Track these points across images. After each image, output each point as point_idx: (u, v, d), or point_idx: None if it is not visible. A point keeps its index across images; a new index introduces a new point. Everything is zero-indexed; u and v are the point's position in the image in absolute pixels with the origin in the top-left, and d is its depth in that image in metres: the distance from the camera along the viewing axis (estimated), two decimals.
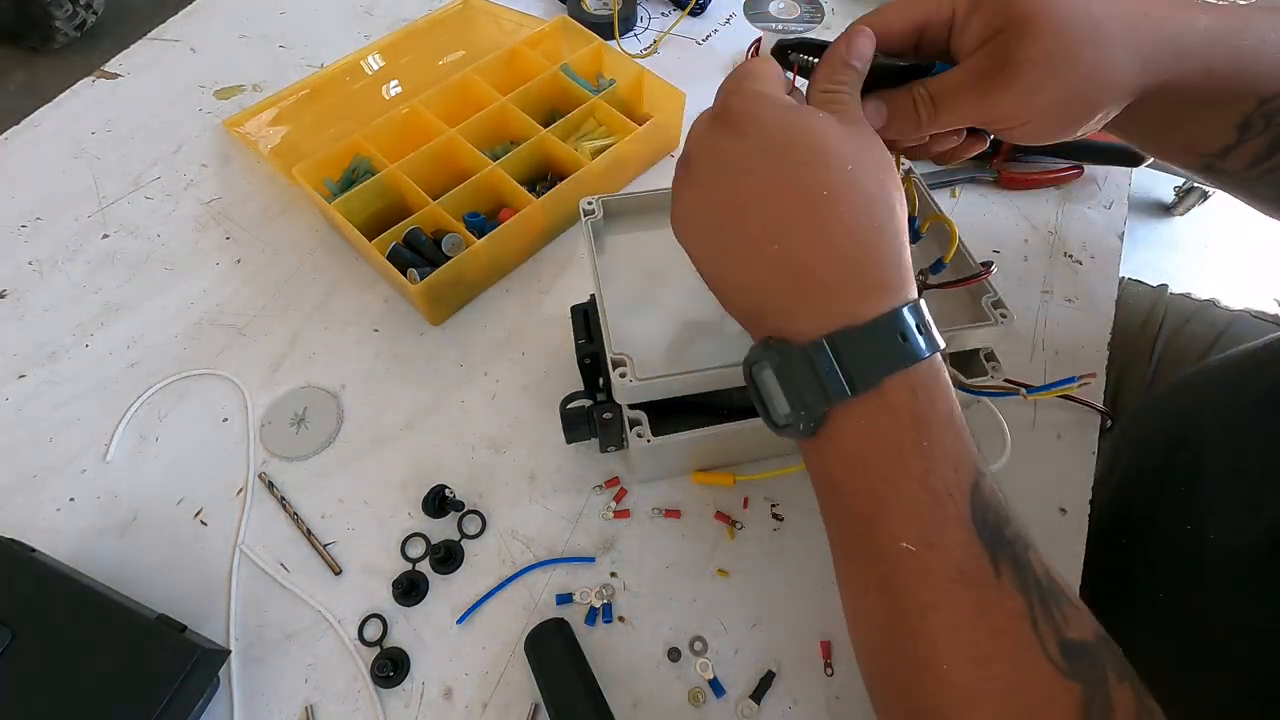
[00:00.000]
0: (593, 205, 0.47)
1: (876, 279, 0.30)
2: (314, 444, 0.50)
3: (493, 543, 0.46)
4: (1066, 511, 0.48)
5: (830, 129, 0.32)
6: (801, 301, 0.31)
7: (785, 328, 0.31)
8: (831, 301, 0.30)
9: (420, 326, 0.55)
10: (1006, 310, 0.43)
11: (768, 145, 0.31)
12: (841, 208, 0.30)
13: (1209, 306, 0.67)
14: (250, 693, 0.42)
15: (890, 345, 0.30)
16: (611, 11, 0.74)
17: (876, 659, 0.32)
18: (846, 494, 0.31)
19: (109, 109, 0.68)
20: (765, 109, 0.32)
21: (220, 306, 0.56)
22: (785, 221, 0.31)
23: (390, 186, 0.57)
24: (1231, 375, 0.51)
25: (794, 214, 0.31)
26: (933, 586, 0.29)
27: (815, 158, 0.31)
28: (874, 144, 0.32)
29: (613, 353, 0.41)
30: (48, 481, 0.48)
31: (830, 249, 0.30)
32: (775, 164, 0.31)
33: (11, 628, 0.37)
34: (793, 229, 0.31)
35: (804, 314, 0.31)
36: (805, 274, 0.31)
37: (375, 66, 0.70)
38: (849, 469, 0.31)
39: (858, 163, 0.31)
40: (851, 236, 0.30)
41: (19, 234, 0.59)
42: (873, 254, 0.31)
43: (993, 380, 0.43)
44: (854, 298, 0.30)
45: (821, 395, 0.30)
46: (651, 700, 0.42)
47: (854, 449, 0.31)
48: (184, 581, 0.45)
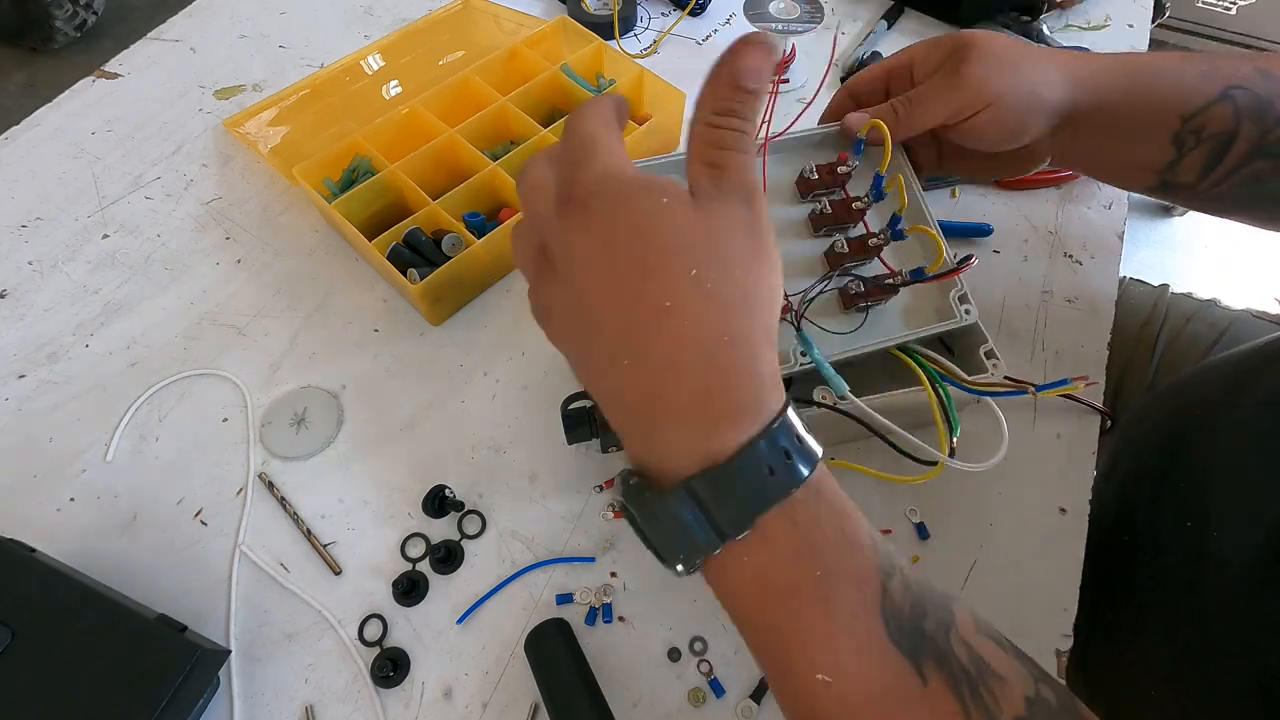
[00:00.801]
0: None
1: (731, 405, 0.27)
2: (314, 444, 0.50)
3: (493, 543, 0.46)
4: (1066, 511, 0.48)
5: (674, 221, 0.27)
6: (656, 430, 0.28)
7: (646, 458, 0.29)
8: (685, 435, 0.27)
9: (420, 326, 0.55)
10: (971, 307, 0.44)
11: (613, 240, 0.27)
12: (686, 321, 0.26)
13: (1210, 306, 0.67)
14: (250, 693, 0.42)
15: (756, 483, 0.26)
16: (611, 11, 0.74)
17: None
18: (749, 628, 0.29)
19: (109, 109, 0.68)
20: (614, 194, 0.28)
21: (220, 306, 0.56)
22: (633, 335, 0.27)
23: (390, 186, 0.57)
24: (1232, 374, 0.51)
25: (640, 326, 0.27)
26: (859, 714, 0.27)
27: (659, 258, 0.27)
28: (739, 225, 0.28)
29: None
30: (48, 481, 0.48)
31: (677, 371, 0.27)
32: (621, 264, 0.27)
33: (11, 628, 0.37)
34: (639, 344, 0.27)
35: (661, 446, 0.28)
36: (655, 398, 0.27)
37: (375, 66, 0.70)
38: (744, 604, 0.29)
39: (706, 261, 0.27)
40: (699, 355, 0.27)
41: (19, 234, 0.59)
42: (724, 374, 0.27)
43: (994, 379, 0.43)
44: (708, 430, 0.27)
45: (694, 547, 0.27)
46: (651, 700, 0.42)
47: (743, 587, 0.28)
48: (184, 581, 0.45)
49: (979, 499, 0.48)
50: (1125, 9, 0.80)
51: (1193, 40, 1.47)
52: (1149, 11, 0.81)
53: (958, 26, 0.77)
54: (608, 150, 0.29)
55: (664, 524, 0.28)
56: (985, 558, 0.46)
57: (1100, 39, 0.76)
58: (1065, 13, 0.79)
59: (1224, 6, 1.44)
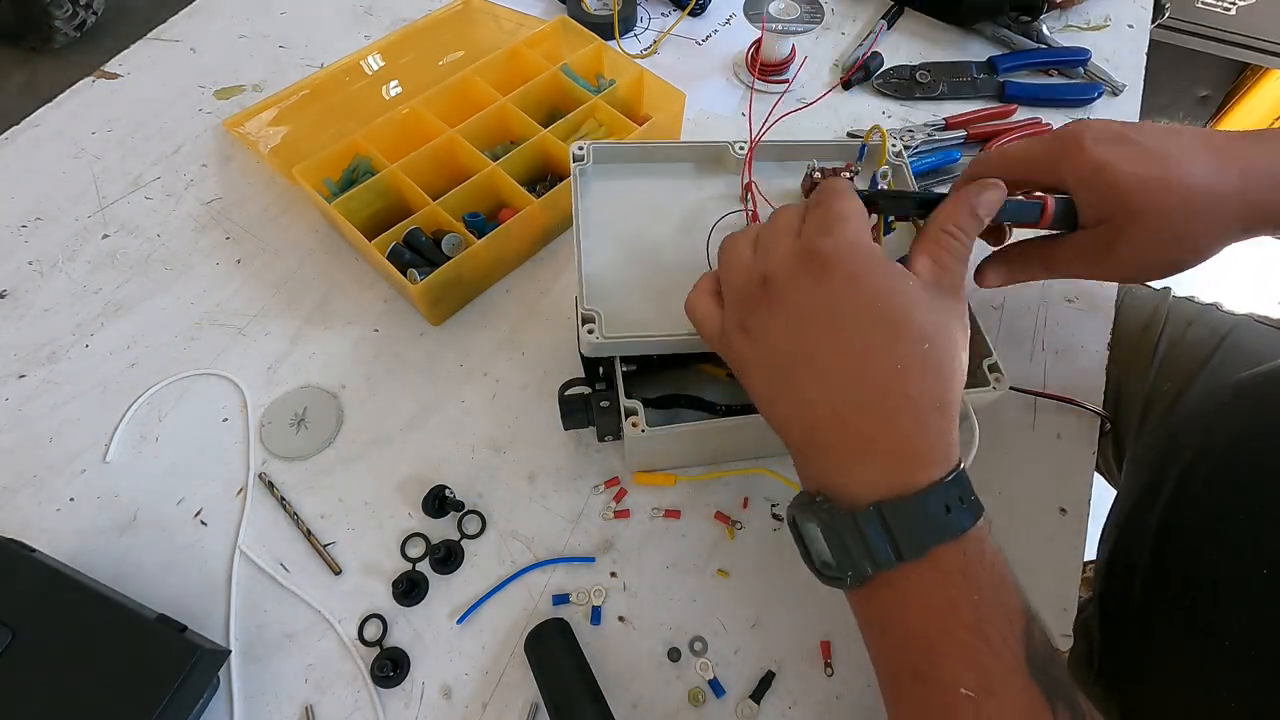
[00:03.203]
0: (583, 150, 0.48)
1: (929, 453, 0.32)
2: (314, 444, 0.50)
3: (492, 543, 0.46)
4: (1066, 511, 0.48)
5: (919, 301, 0.33)
6: (855, 463, 0.32)
7: (833, 483, 0.33)
8: (884, 470, 0.31)
9: (420, 326, 0.55)
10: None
11: (858, 305, 0.32)
12: (912, 385, 0.32)
13: (1211, 310, 0.67)
14: (250, 693, 0.42)
15: (937, 518, 0.31)
16: (611, 11, 0.74)
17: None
18: (899, 637, 0.32)
19: (109, 109, 0.68)
20: (861, 263, 0.33)
21: (220, 306, 0.56)
22: (856, 385, 0.32)
23: (390, 186, 0.57)
24: None
25: (866, 381, 0.32)
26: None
27: (900, 330, 0.32)
28: (957, 317, 0.34)
29: (584, 307, 0.41)
30: (48, 481, 0.48)
31: (893, 422, 0.32)
32: (861, 326, 0.32)
33: (11, 628, 0.37)
34: (861, 393, 0.32)
35: (855, 476, 0.32)
36: (864, 439, 0.32)
37: (375, 66, 0.70)
38: (901, 616, 0.32)
39: (937, 340, 0.32)
40: (915, 413, 0.32)
41: (19, 234, 0.59)
42: (930, 429, 0.32)
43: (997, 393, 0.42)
44: (906, 470, 0.31)
45: (869, 561, 0.31)
46: (651, 700, 0.42)
47: (905, 600, 0.32)
48: (184, 581, 0.45)
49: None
50: (1125, 9, 0.80)
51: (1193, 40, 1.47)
52: (1149, 12, 0.81)
53: (958, 27, 0.77)
54: (856, 226, 0.34)
55: (849, 537, 0.31)
56: None
57: (1100, 39, 0.76)
58: (1065, 13, 0.79)
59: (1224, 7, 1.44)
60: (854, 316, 0.32)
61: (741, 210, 0.48)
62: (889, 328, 0.32)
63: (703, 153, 0.50)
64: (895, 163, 0.49)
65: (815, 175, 0.47)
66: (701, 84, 0.71)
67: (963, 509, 0.31)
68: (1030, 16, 0.75)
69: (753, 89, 0.71)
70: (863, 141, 0.48)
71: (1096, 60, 0.73)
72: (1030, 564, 0.46)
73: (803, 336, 0.33)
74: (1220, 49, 1.42)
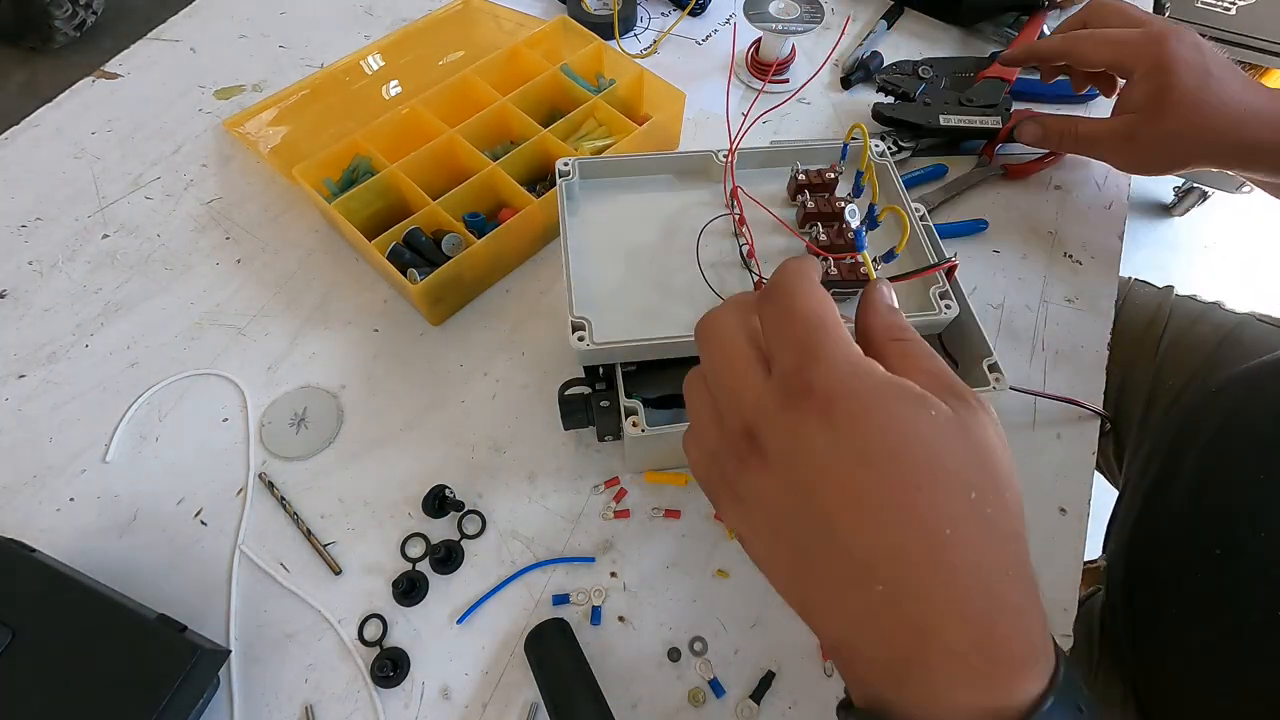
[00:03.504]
0: (569, 166, 0.48)
1: (1018, 649, 0.23)
2: (314, 444, 0.50)
3: (493, 543, 0.46)
4: (1066, 511, 0.48)
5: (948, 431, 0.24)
6: (919, 672, 0.23)
7: (890, 695, 0.24)
8: (962, 683, 0.23)
9: (420, 326, 0.55)
10: (952, 302, 0.44)
11: (872, 453, 0.23)
12: (967, 550, 0.23)
13: (1213, 309, 0.67)
14: (250, 693, 0.42)
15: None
16: (611, 11, 0.74)
17: None
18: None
19: (109, 109, 0.68)
20: (859, 389, 0.24)
21: (220, 306, 0.56)
22: (894, 560, 0.23)
23: (390, 186, 0.57)
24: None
25: (904, 552, 0.23)
26: None
27: (935, 477, 0.23)
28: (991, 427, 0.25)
29: (573, 315, 0.41)
30: (48, 481, 0.48)
31: (954, 606, 0.23)
32: (884, 481, 0.23)
33: (11, 628, 0.37)
34: (902, 572, 0.23)
35: (924, 693, 0.23)
36: (921, 635, 0.23)
37: (375, 66, 0.70)
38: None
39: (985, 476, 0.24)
40: (982, 590, 0.23)
41: (19, 234, 0.59)
42: (1009, 613, 0.23)
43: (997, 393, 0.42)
44: (993, 679, 0.23)
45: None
46: (651, 700, 0.42)
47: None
48: (184, 581, 0.45)
49: None
50: None
51: None
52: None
53: (957, 26, 0.77)
54: (842, 338, 0.25)
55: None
56: None
57: None
58: (1065, 12, 0.79)
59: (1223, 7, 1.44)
60: (879, 477, 0.23)
61: (728, 214, 0.48)
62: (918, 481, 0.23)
63: (688, 163, 0.51)
64: (880, 163, 0.50)
65: (799, 178, 0.48)
66: (701, 84, 0.71)
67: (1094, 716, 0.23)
68: (1030, 17, 0.75)
69: (758, 91, 0.71)
70: (844, 141, 0.48)
71: None
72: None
73: (809, 502, 0.24)
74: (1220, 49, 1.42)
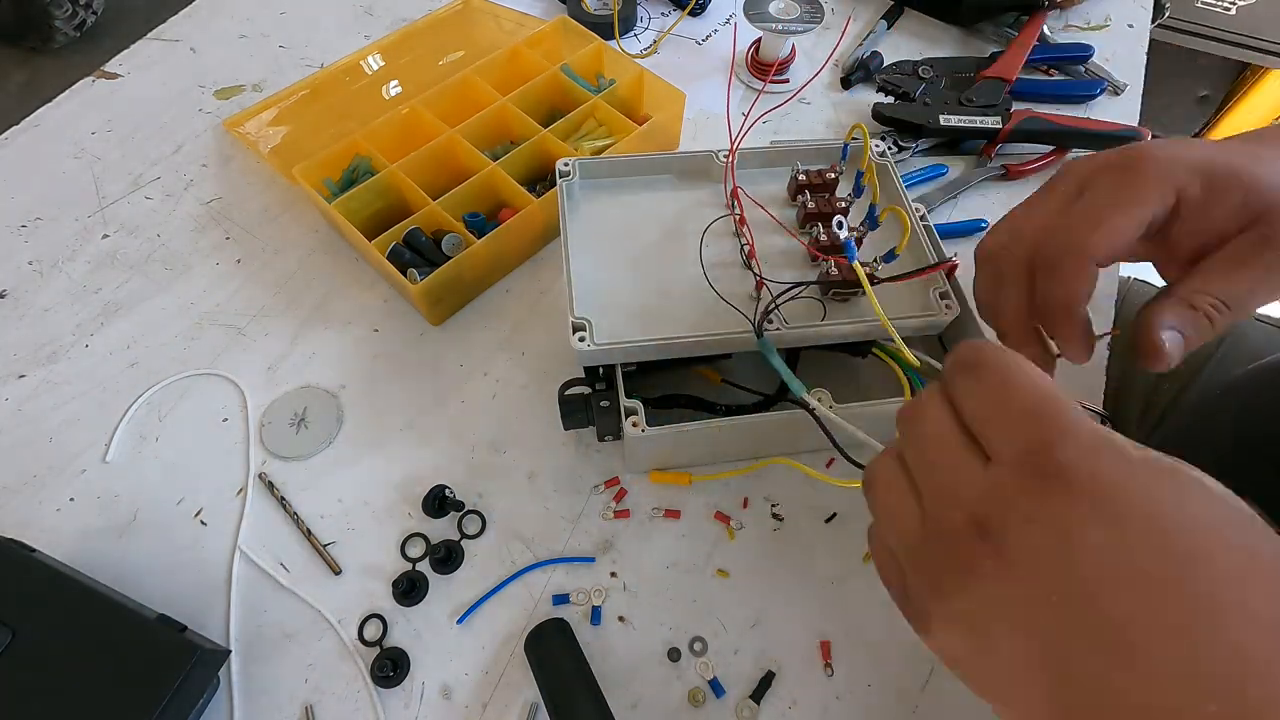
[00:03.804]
0: (569, 166, 0.48)
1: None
2: (314, 444, 0.50)
3: (493, 543, 0.46)
4: None
5: (1237, 519, 0.20)
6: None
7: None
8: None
9: (420, 326, 0.55)
10: (953, 302, 0.44)
11: (1172, 546, 0.20)
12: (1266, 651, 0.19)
13: None
14: (250, 693, 0.42)
15: None
16: (611, 11, 0.74)
17: None
18: None
19: (109, 109, 0.68)
20: (1141, 474, 0.21)
21: (220, 306, 0.56)
22: (1229, 680, 0.19)
23: (390, 186, 0.57)
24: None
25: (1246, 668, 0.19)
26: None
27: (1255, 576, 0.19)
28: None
29: (574, 316, 0.41)
30: (48, 481, 0.48)
31: None
32: (1191, 582, 0.19)
33: (11, 628, 0.37)
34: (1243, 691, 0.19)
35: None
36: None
37: (375, 66, 0.70)
38: None
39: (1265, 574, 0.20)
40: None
41: (19, 234, 0.59)
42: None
43: None
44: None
45: None
46: (651, 700, 0.42)
47: None
48: (184, 581, 0.45)
49: None
50: (1125, 9, 0.80)
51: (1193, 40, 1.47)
52: (1149, 11, 0.81)
53: (957, 26, 0.77)
54: (1075, 412, 0.23)
55: None
56: None
57: (1100, 39, 0.76)
58: (1065, 12, 0.79)
59: (1223, 7, 1.44)
60: (1182, 572, 0.19)
61: (729, 215, 0.48)
62: (1243, 577, 0.19)
63: (688, 163, 0.51)
64: (880, 163, 0.50)
65: (799, 178, 0.48)
66: (701, 84, 0.71)
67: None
68: (1030, 17, 0.75)
69: (758, 92, 0.71)
70: (844, 141, 0.48)
71: (1097, 60, 0.73)
72: None
73: (1093, 617, 0.20)
74: (1220, 49, 1.42)
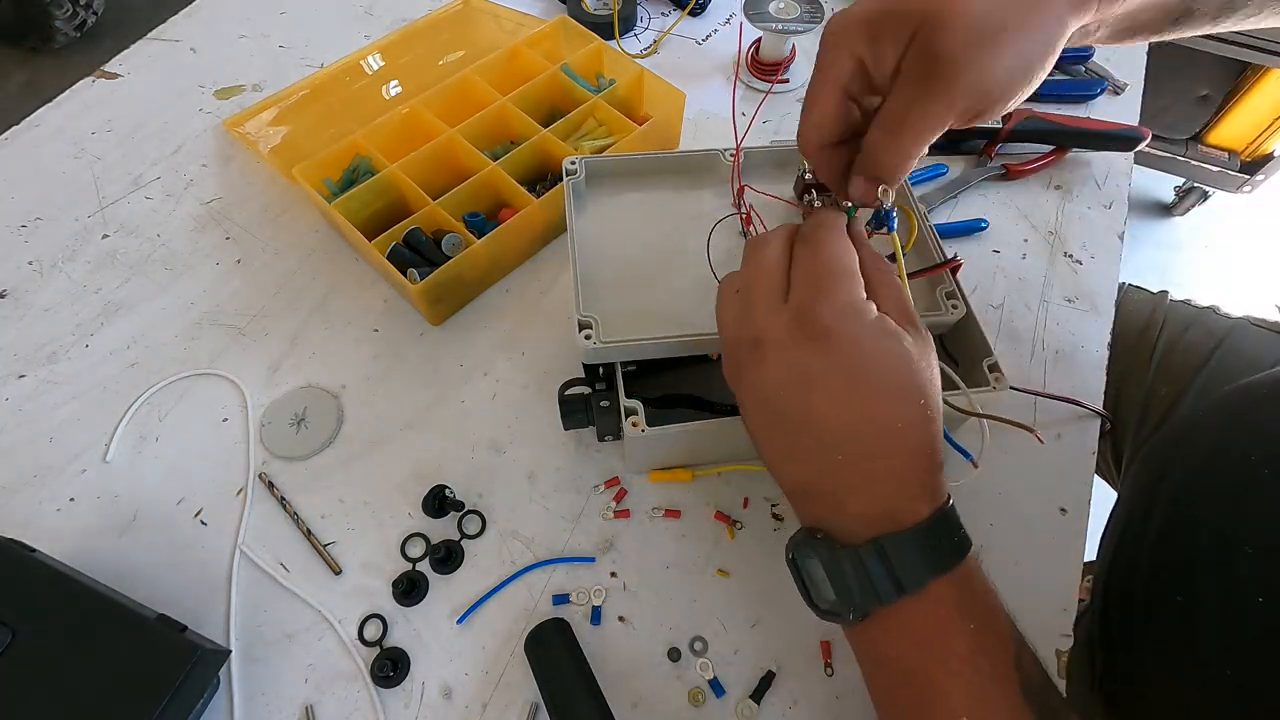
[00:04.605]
0: (575, 165, 0.48)
1: (924, 491, 0.32)
2: (314, 444, 0.50)
3: (493, 543, 0.46)
4: (1067, 511, 0.48)
5: (914, 360, 0.32)
6: (853, 503, 0.32)
7: (831, 521, 0.33)
8: (883, 509, 0.32)
9: (420, 326, 0.55)
10: (959, 302, 0.44)
11: (860, 374, 0.32)
12: (911, 437, 0.32)
13: (1208, 314, 0.67)
14: (250, 693, 0.42)
15: (935, 550, 0.31)
16: (611, 11, 0.74)
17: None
18: (897, 671, 0.33)
19: (109, 109, 0.68)
20: (859, 329, 0.32)
21: (220, 306, 0.56)
22: (859, 439, 0.32)
23: (390, 186, 0.57)
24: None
25: (866, 439, 0.32)
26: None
27: (904, 394, 0.32)
28: (933, 352, 0.34)
29: (580, 314, 0.41)
30: (48, 481, 0.48)
31: (892, 469, 0.32)
32: (864, 394, 0.32)
33: (11, 628, 0.37)
34: (860, 448, 0.32)
35: (853, 514, 0.32)
36: (863, 483, 0.32)
37: (375, 66, 0.70)
38: (899, 650, 0.32)
39: (929, 391, 0.33)
40: (913, 457, 0.32)
41: (19, 234, 0.59)
42: (925, 469, 0.32)
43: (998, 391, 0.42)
44: (902, 503, 0.32)
45: (871, 595, 0.31)
46: (651, 700, 0.42)
47: (903, 633, 0.32)
48: (184, 581, 0.45)
49: (979, 499, 0.48)
50: None
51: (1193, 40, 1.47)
52: None
53: None
54: (852, 284, 0.33)
55: (849, 572, 0.32)
56: (985, 558, 0.46)
57: None
58: None
59: None
60: (856, 385, 0.32)
61: (735, 214, 0.48)
62: (894, 394, 0.32)
63: (694, 161, 0.51)
64: None
65: (806, 177, 0.47)
66: (701, 84, 0.71)
67: (954, 542, 0.32)
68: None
69: (735, 88, 0.71)
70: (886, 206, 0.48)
71: (1097, 60, 0.73)
72: (1030, 564, 0.46)
73: (799, 401, 0.33)
74: (1220, 49, 1.42)
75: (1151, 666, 0.45)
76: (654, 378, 0.47)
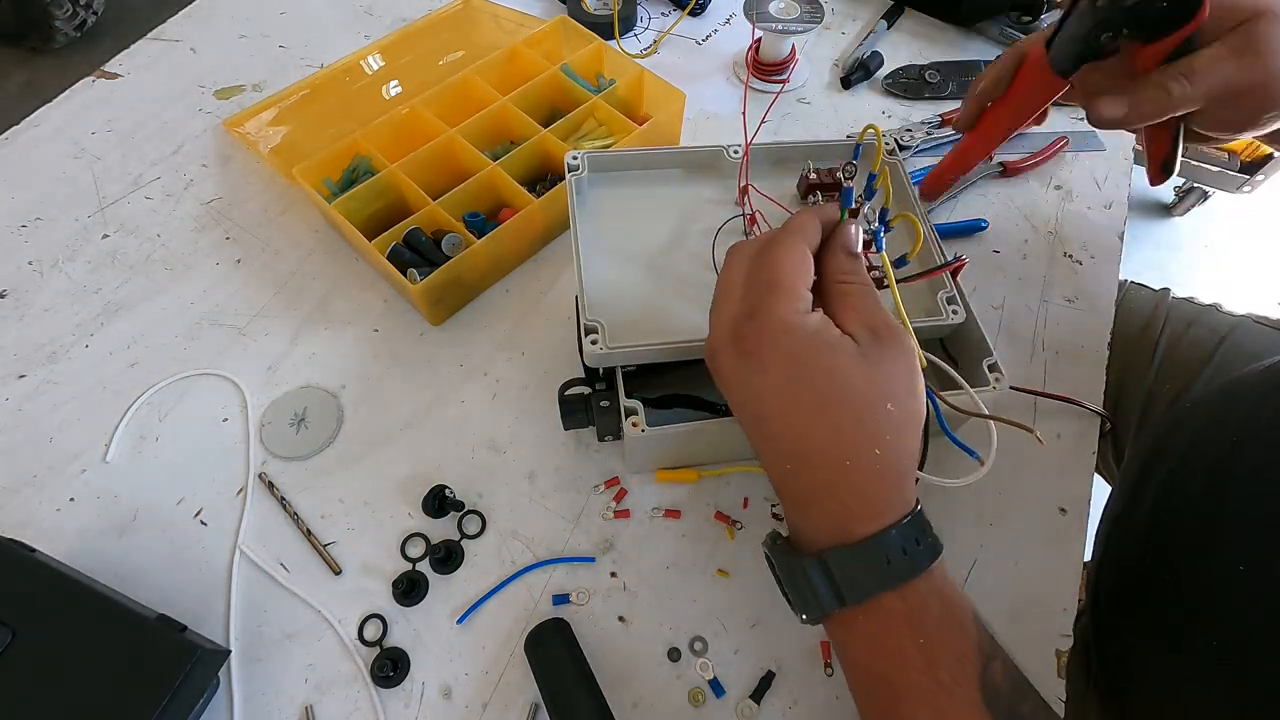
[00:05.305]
0: (578, 160, 0.48)
1: (874, 506, 0.32)
2: (314, 444, 0.50)
3: (493, 543, 0.46)
4: (1066, 511, 0.48)
5: (853, 373, 0.32)
6: (806, 512, 0.34)
7: (793, 524, 0.35)
8: (829, 522, 0.32)
9: (420, 326, 0.55)
10: (959, 307, 0.44)
11: (790, 386, 0.32)
12: (853, 450, 0.32)
13: (1210, 311, 0.67)
14: (250, 693, 0.42)
15: (878, 566, 0.31)
16: (611, 11, 0.74)
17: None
18: (863, 673, 0.34)
19: (109, 109, 0.68)
20: (787, 345, 0.32)
21: (220, 306, 0.56)
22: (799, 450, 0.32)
23: (390, 186, 0.57)
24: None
25: (809, 448, 0.32)
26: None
27: (841, 408, 0.32)
28: (900, 363, 0.33)
29: (586, 318, 0.41)
30: (48, 481, 0.48)
31: (837, 482, 0.32)
32: (798, 407, 0.32)
33: (11, 628, 0.37)
34: (805, 458, 0.32)
35: (809, 522, 0.33)
36: (811, 494, 0.33)
37: (375, 66, 0.70)
38: (863, 654, 0.33)
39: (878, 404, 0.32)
40: (861, 471, 0.32)
41: (19, 234, 0.59)
42: (882, 482, 0.32)
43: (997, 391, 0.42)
44: (849, 522, 0.32)
45: (816, 604, 0.32)
46: (651, 700, 0.42)
47: (856, 641, 0.33)
48: (184, 581, 0.45)
49: (979, 499, 0.48)
50: None
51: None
52: None
53: (958, 26, 0.77)
54: (788, 300, 0.33)
55: (799, 580, 0.33)
56: (985, 558, 0.46)
57: None
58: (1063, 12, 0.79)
59: None
60: (794, 400, 0.32)
61: (740, 214, 0.48)
62: (832, 407, 0.32)
63: (698, 158, 0.51)
64: (890, 161, 0.50)
65: (810, 177, 0.47)
66: (701, 84, 0.71)
67: (918, 550, 0.32)
68: (1031, 16, 0.75)
69: (747, 87, 0.71)
70: (857, 141, 0.48)
71: None
72: (1030, 564, 0.46)
73: (750, 411, 0.34)
74: None
75: (1141, 652, 0.45)
76: (654, 378, 0.47)
